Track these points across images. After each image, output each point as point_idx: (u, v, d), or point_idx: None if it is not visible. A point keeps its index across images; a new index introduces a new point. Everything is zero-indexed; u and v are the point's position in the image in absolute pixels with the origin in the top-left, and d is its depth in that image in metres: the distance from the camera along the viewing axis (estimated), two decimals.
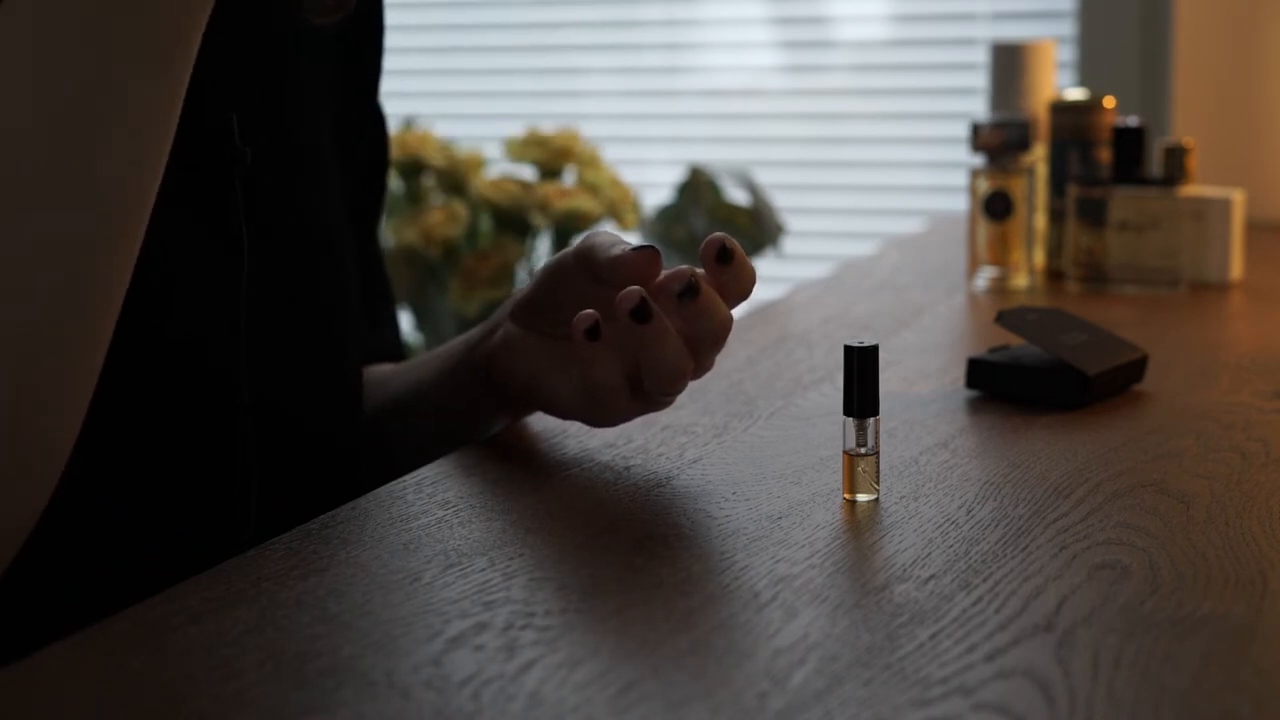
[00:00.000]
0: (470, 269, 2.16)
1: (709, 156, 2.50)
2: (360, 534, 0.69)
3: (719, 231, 0.80)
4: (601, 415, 0.77)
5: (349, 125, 0.88)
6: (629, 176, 2.49)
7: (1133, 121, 1.36)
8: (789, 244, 2.46)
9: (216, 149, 0.74)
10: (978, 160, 1.37)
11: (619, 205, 2.22)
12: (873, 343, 0.71)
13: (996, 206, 1.35)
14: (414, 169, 2.23)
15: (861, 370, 0.71)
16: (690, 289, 0.71)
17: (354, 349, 0.87)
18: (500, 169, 2.34)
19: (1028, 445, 0.83)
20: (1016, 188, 1.34)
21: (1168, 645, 0.56)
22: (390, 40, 0.92)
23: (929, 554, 0.65)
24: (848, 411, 0.72)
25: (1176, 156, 1.41)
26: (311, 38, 0.83)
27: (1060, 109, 1.41)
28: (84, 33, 0.60)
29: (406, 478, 0.77)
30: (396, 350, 0.98)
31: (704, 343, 0.73)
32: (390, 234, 2.18)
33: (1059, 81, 2.11)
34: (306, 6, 0.80)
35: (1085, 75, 2.11)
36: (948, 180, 2.46)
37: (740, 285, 0.74)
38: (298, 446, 0.81)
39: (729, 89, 2.71)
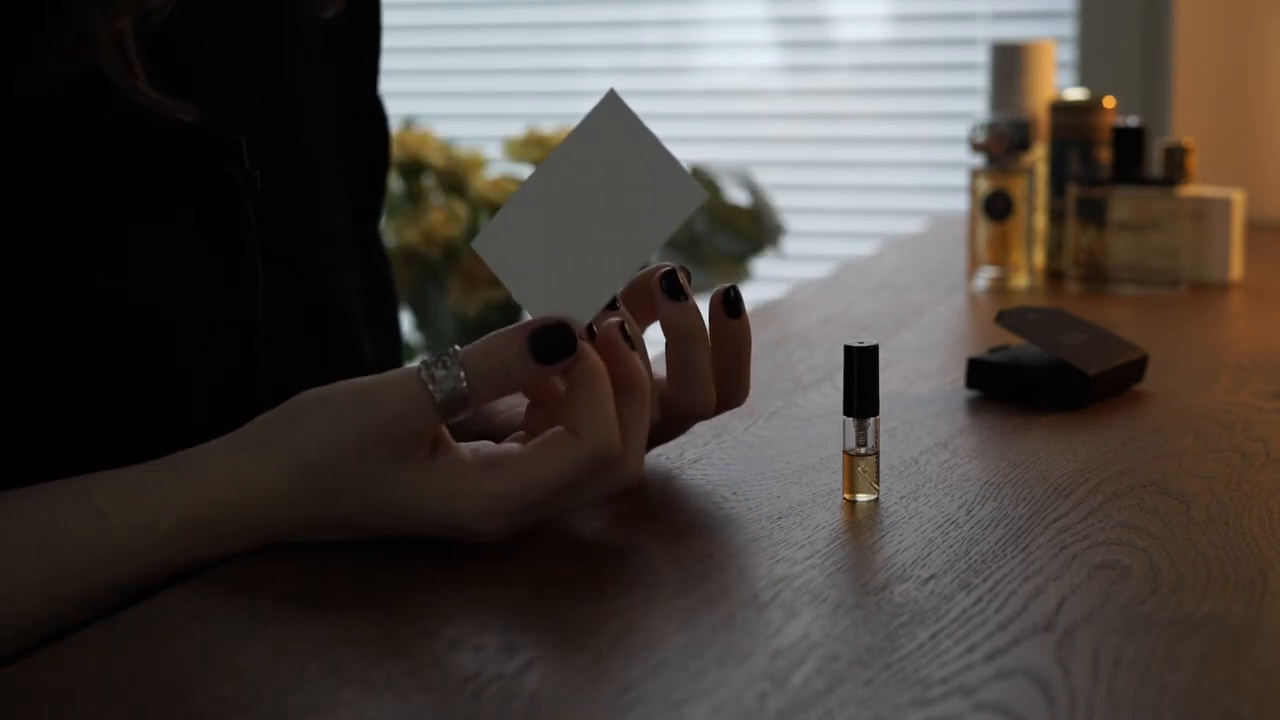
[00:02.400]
0: (470, 269, 2.16)
1: (709, 156, 2.50)
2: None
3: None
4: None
5: (349, 123, 0.88)
6: None
7: (1133, 121, 1.36)
8: (789, 244, 2.46)
9: (227, 173, 0.74)
10: (978, 160, 1.37)
11: None
12: (873, 343, 0.71)
13: (996, 206, 1.35)
14: (414, 169, 2.23)
15: (861, 370, 0.71)
16: (734, 303, 0.71)
17: (370, 357, 0.87)
18: (500, 169, 2.34)
19: (1028, 445, 0.83)
20: (1016, 188, 1.34)
21: (1168, 645, 0.56)
22: (390, 40, 0.92)
23: (929, 554, 0.65)
24: (848, 411, 0.72)
25: (1176, 156, 1.41)
26: (311, 45, 0.83)
27: (1060, 109, 1.41)
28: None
29: None
30: (394, 359, 0.98)
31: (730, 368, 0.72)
32: (390, 234, 2.18)
33: (1059, 81, 2.11)
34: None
35: (1085, 75, 2.11)
36: (948, 180, 2.46)
37: (745, 332, 0.73)
38: None
39: (729, 89, 2.71)
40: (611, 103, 0.65)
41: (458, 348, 0.63)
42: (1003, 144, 1.33)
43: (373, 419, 0.63)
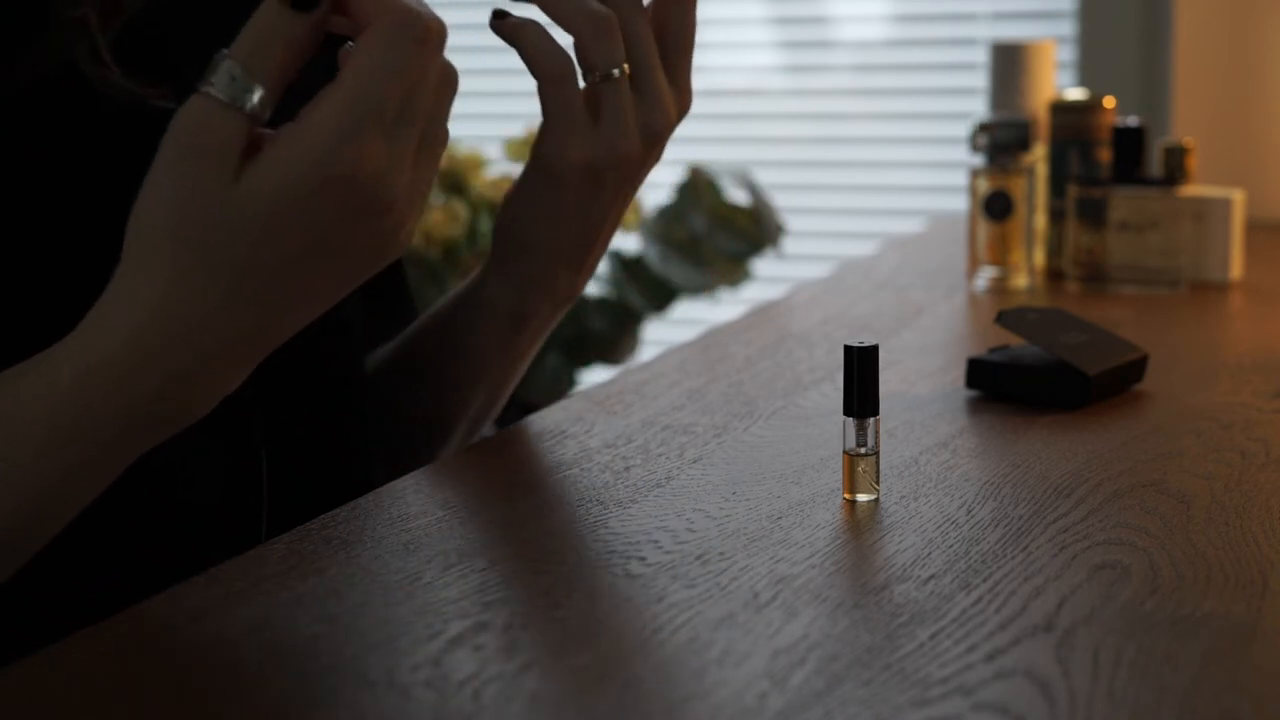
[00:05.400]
0: (470, 269, 2.16)
1: (709, 156, 2.50)
2: (360, 534, 0.69)
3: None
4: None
5: None
6: None
7: (1133, 121, 1.36)
8: (789, 244, 2.46)
9: None
10: (978, 160, 1.36)
11: None
12: (873, 343, 0.71)
13: (996, 206, 1.35)
14: None
15: (861, 370, 0.71)
16: None
17: (359, 356, 0.87)
18: (500, 169, 2.34)
19: (1028, 445, 0.83)
20: (1016, 188, 1.34)
21: (1168, 645, 0.56)
22: None
23: (929, 554, 0.65)
24: (848, 411, 0.72)
25: (1176, 156, 1.41)
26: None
27: (1060, 109, 1.41)
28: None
29: (406, 478, 0.77)
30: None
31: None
32: None
33: (1059, 81, 2.11)
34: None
35: (1085, 75, 2.11)
36: (948, 180, 2.46)
37: None
38: (308, 457, 0.81)
39: (729, 89, 2.71)
40: None
41: (224, 49, 0.58)
42: (999, 134, 1.33)
43: (177, 153, 0.57)
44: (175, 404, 0.61)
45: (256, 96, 0.57)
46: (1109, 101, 1.40)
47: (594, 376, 2.29)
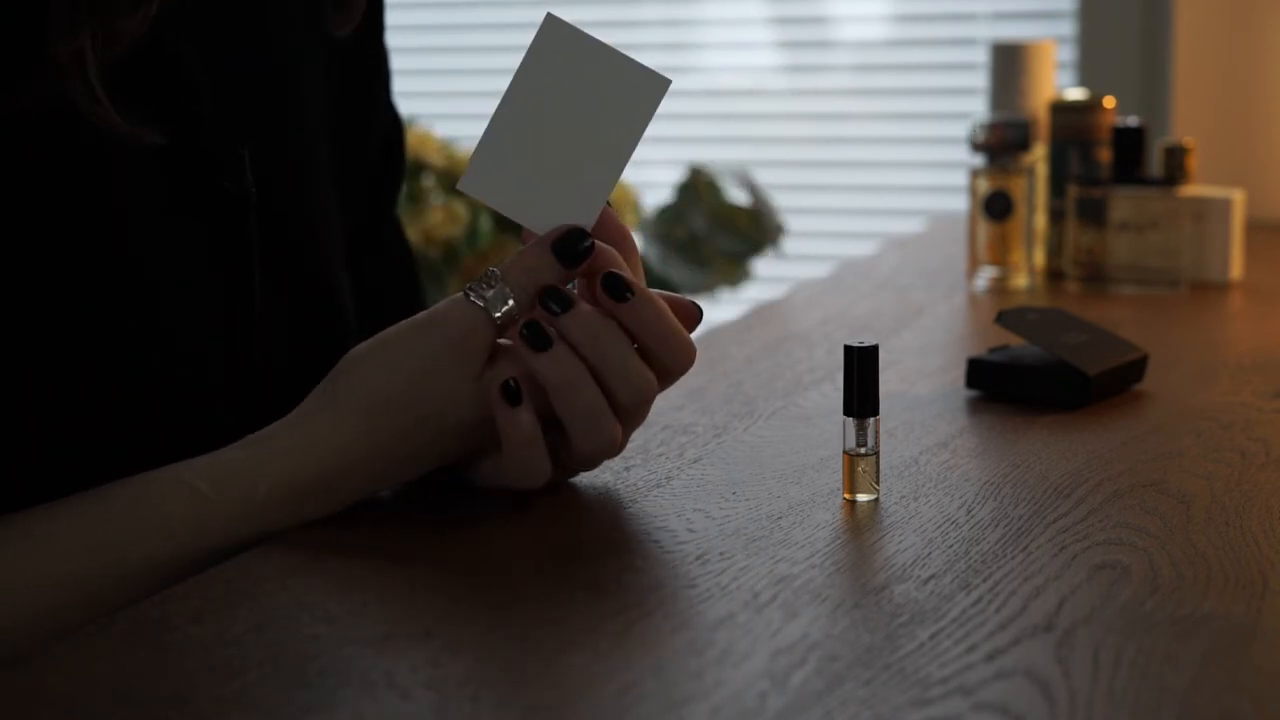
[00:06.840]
0: (470, 269, 2.16)
1: (709, 156, 2.50)
2: (359, 536, 0.69)
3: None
4: (524, 479, 0.71)
5: (347, 128, 0.87)
6: (629, 176, 2.48)
7: (1133, 121, 1.36)
8: (789, 244, 2.46)
9: (228, 186, 0.74)
10: (978, 160, 1.36)
11: (618, 205, 2.23)
12: (873, 343, 0.71)
13: (996, 206, 1.35)
14: (414, 169, 2.23)
15: (861, 370, 0.71)
16: (617, 285, 0.68)
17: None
18: None
19: (1028, 445, 0.83)
20: (1016, 188, 1.34)
21: (1168, 645, 0.56)
22: (390, 40, 0.92)
23: (929, 554, 0.65)
24: (848, 411, 0.72)
25: (1176, 156, 1.41)
26: (309, 58, 0.83)
27: (1060, 109, 1.41)
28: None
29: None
30: None
31: (661, 363, 0.71)
32: None
33: (1059, 81, 2.11)
34: (335, 23, 0.82)
35: (1085, 75, 2.11)
36: (948, 180, 2.46)
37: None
38: None
39: (729, 89, 2.71)
40: (553, 25, 0.68)
41: (495, 269, 0.68)
42: (999, 134, 1.33)
43: (440, 344, 0.68)
44: (315, 514, 0.69)
45: (510, 314, 0.68)
46: (1109, 101, 1.40)
47: None
